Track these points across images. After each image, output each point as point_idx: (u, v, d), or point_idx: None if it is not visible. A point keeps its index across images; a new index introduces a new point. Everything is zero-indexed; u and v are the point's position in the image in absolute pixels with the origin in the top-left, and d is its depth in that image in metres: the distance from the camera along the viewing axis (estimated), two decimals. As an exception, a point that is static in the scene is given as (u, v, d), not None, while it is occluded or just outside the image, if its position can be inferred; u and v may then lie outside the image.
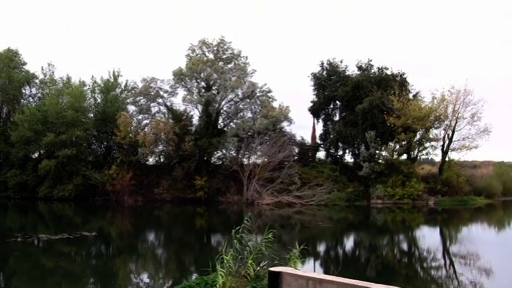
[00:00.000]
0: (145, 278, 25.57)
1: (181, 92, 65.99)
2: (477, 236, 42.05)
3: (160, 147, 65.88)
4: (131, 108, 66.66)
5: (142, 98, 65.22)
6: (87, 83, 69.26)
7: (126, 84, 69.39)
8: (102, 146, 70.13)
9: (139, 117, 66.17)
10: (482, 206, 62.43)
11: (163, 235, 42.41)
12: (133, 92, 66.76)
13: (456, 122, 64.91)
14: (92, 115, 68.63)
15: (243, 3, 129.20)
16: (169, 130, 62.37)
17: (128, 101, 66.95)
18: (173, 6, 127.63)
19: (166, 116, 65.85)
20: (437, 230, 49.06)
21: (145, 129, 64.90)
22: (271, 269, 12.19)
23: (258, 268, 14.51)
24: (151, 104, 65.71)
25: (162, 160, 67.02)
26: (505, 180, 70.18)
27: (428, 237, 42.24)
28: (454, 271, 27.64)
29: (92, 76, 69.58)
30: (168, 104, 66.00)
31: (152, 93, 64.93)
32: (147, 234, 42.63)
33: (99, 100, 68.98)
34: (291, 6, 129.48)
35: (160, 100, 65.59)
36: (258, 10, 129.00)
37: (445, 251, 35.57)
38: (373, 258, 31.85)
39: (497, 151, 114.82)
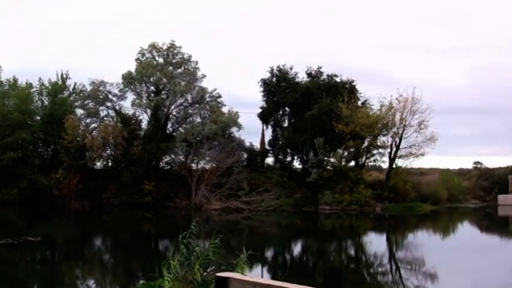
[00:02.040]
0: (91, 284, 25.33)
1: (130, 96, 65.64)
2: (423, 241, 42.42)
3: (108, 152, 65.31)
4: (79, 111, 65.79)
5: (90, 101, 64.54)
6: (35, 85, 67.79)
7: (74, 87, 68.05)
8: (49, 150, 68.65)
9: (88, 120, 65.44)
10: (428, 213, 63.05)
11: (111, 240, 41.94)
12: (81, 95, 65.94)
13: (403, 130, 65.83)
14: (38, 118, 67.21)
15: (192, 7, 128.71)
16: (118, 134, 61.62)
17: (76, 104, 65.92)
18: (124, 9, 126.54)
19: (115, 120, 65.33)
20: (384, 236, 49.51)
21: (94, 133, 63.89)
22: (219, 274, 12.17)
23: (205, 274, 14.45)
24: (100, 108, 65.15)
25: (110, 164, 66.54)
26: (450, 187, 71.24)
27: (375, 243, 42.72)
28: (400, 276, 27.90)
29: (40, 78, 68.00)
30: (117, 107, 65.70)
31: (101, 96, 64.43)
32: (94, 240, 42.04)
33: (46, 103, 67.52)
34: (241, 12, 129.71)
35: (109, 104, 65.15)
36: (208, 14, 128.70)
37: (392, 256, 35.97)
38: (321, 264, 32.06)
39: (444, 158, 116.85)
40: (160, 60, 66.81)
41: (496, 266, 29.89)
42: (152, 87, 65.86)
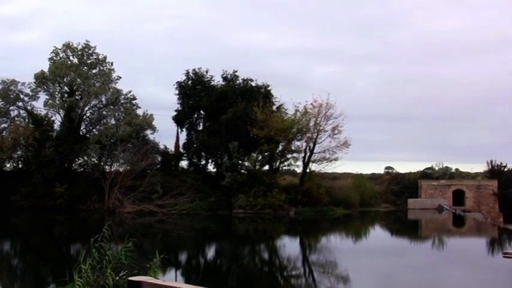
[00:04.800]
0: (-3, 290, 24.58)
1: (43, 96, 64.48)
2: (335, 245, 43.11)
3: (18, 153, 63.58)
4: (-12, 111, 64.02)
5: (0, 100, 63.00)
6: None
7: (-17, 85, 66.12)
8: (-45, 150, 66.35)
9: (-3, 120, 63.76)
10: (340, 216, 64.00)
11: (20, 244, 40.78)
12: (-9, 94, 64.24)
13: (318, 135, 66.50)
14: None
15: (107, 9, 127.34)
16: (29, 135, 60.15)
17: (-15, 103, 64.13)
18: (38, 7, 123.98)
19: (27, 120, 63.96)
20: (298, 239, 49.93)
21: (3, 134, 62.45)
22: (131, 278, 11.97)
23: (117, 278, 14.04)
24: (11, 108, 63.72)
25: (20, 166, 64.71)
26: (362, 192, 72.12)
27: (289, 246, 43.14)
28: (313, 279, 28.36)
29: None
30: (29, 108, 64.35)
31: (12, 96, 62.98)
32: (1, 244, 40.85)
33: (-48, 101, 65.19)
34: (158, 14, 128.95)
35: (20, 104, 63.77)
36: (124, 16, 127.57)
37: (305, 259, 36.36)
38: (235, 267, 32.25)
39: (357, 164, 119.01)
40: (75, 60, 65.67)
41: (405, 267, 30.73)
42: (66, 88, 64.88)
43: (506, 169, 77.31)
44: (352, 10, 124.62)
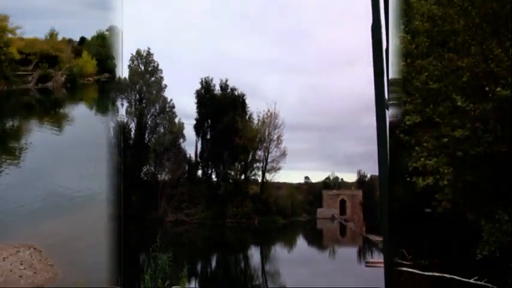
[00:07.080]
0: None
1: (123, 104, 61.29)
2: (279, 255, 49.01)
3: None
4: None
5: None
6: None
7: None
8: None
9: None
10: (280, 226, 61.70)
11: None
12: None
13: (269, 144, 67.09)
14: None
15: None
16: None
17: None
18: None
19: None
20: (259, 249, 54.69)
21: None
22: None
23: (165, 286, 15.96)
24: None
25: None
26: (293, 201, 69.42)
27: (254, 256, 49.68)
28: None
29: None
30: (114, 114, 53.64)
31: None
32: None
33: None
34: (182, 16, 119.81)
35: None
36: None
37: (263, 270, 42.65)
38: (227, 276, 38.51)
39: (289, 173, 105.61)
40: (142, 67, 67.74)
41: (315, 276, 35.86)
42: (137, 95, 66.78)
43: (367, 179, 74.37)
44: (274, 21, 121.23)
